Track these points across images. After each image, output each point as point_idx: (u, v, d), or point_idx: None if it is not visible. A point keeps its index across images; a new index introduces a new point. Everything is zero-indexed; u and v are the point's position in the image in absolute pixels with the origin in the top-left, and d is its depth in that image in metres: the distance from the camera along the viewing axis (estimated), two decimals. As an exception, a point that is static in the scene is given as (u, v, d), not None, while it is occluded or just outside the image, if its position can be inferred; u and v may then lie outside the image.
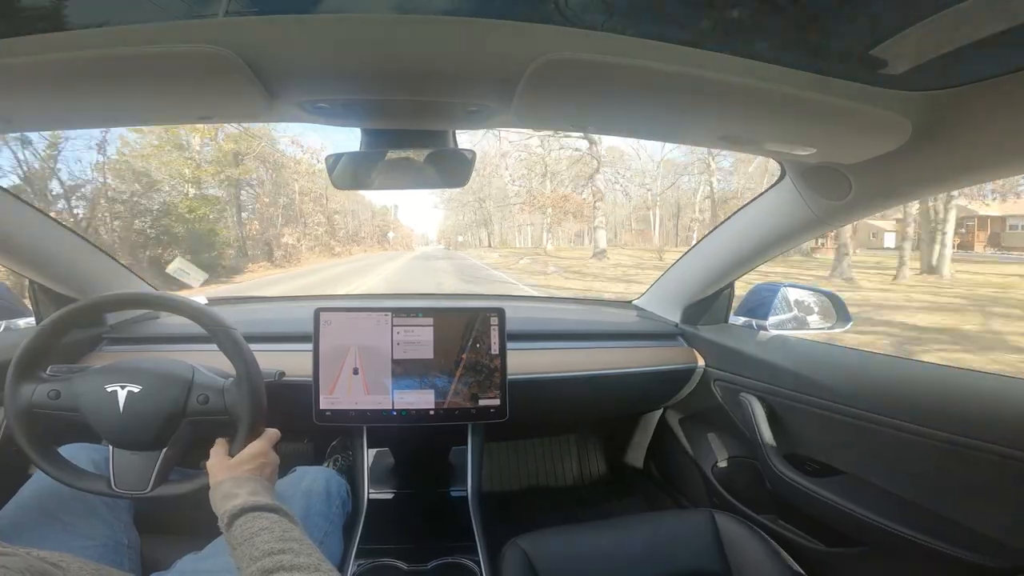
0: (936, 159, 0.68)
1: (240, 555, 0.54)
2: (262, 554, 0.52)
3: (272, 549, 0.53)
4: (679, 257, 1.38)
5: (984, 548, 0.73)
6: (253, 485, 0.67)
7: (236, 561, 0.54)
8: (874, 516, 0.85)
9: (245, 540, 0.55)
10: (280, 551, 0.52)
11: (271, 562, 0.51)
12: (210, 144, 16.57)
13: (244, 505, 0.60)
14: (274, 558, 0.51)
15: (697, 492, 1.37)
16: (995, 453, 0.71)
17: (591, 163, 18.08)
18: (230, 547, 0.57)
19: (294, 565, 0.50)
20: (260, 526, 0.57)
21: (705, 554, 0.89)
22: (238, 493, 0.64)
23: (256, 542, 0.54)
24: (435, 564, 0.90)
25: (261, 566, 0.50)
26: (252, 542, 0.54)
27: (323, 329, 1.02)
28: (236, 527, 0.58)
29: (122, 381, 0.76)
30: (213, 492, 0.67)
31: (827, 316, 1.26)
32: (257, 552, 0.52)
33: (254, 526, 0.57)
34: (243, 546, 0.54)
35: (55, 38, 0.46)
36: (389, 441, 1.19)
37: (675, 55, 0.50)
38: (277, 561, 0.51)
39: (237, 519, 0.59)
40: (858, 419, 0.90)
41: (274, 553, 0.52)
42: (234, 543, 0.56)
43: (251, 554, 0.53)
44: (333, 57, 0.52)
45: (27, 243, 0.96)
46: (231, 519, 0.59)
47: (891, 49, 0.48)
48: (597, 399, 1.34)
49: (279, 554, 0.52)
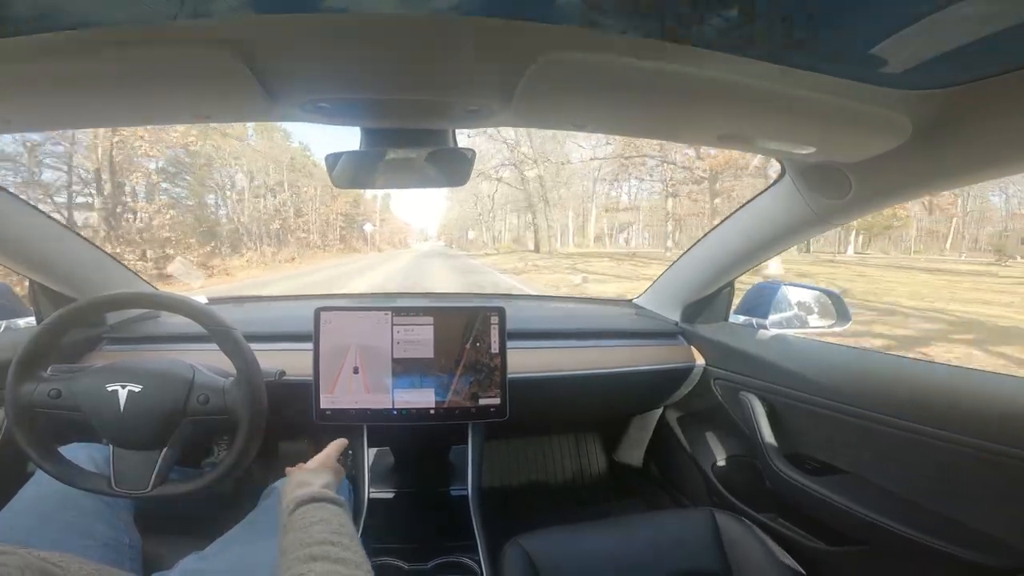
0: (936, 158, 0.67)
1: (292, 540, 0.55)
2: (314, 542, 0.54)
3: (324, 539, 0.54)
4: (679, 256, 1.38)
5: (985, 548, 0.73)
6: (328, 479, 0.70)
7: (284, 544, 0.56)
8: (875, 515, 0.85)
9: (303, 527, 0.57)
10: (331, 542, 0.54)
11: (319, 550, 0.52)
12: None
13: (315, 494, 0.62)
14: (323, 547, 0.53)
15: (697, 491, 1.37)
16: (996, 452, 0.71)
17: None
18: (284, 530, 0.58)
19: (339, 558, 0.52)
20: (320, 516, 0.59)
21: (705, 553, 0.89)
22: (313, 483, 0.67)
23: (312, 531, 0.56)
24: (435, 563, 0.90)
25: (310, 552, 0.52)
26: (308, 530, 0.56)
27: (323, 328, 1.02)
28: (299, 512, 0.59)
29: (123, 381, 0.76)
30: (288, 481, 0.70)
31: (827, 315, 1.26)
32: (309, 539, 0.54)
33: (316, 515, 0.59)
34: (298, 532, 0.56)
35: (54, 38, 0.46)
36: (389, 440, 1.19)
37: (675, 54, 0.50)
38: (325, 551, 0.52)
39: (304, 505, 0.61)
40: (858, 418, 0.90)
41: (324, 543, 0.54)
42: (291, 527, 0.58)
43: (303, 540, 0.54)
44: (333, 56, 0.52)
45: (27, 243, 0.96)
46: (298, 504, 0.61)
47: (891, 48, 0.48)
48: (597, 398, 1.34)
49: (329, 545, 0.54)
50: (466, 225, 42.77)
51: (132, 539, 0.83)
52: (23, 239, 0.95)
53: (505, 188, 26.50)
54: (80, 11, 0.44)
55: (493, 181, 25.03)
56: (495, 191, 27.73)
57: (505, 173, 23.88)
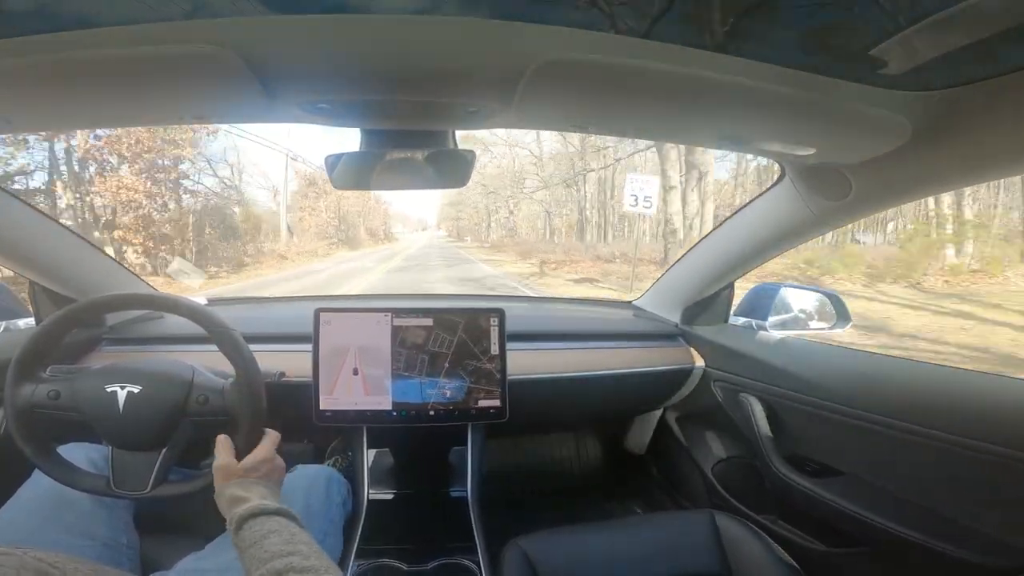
0: (936, 159, 0.68)
1: (249, 558, 0.54)
2: (271, 556, 0.53)
3: (281, 552, 0.53)
4: (679, 257, 1.38)
5: (985, 548, 0.73)
6: (261, 489, 0.68)
7: (245, 564, 0.55)
8: (874, 516, 0.85)
9: (254, 543, 0.55)
10: (289, 553, 0.53)
11: (281, 564, 0.51)
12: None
13: (253, 509, 0.61)
14: (283, 560, 0.52)
15: (697, 492, 1.37)
16: (995, 453, 0.71)
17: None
18: (238, 550, 0.57)
19: (304, 567, 0.51)
20: (269, 529, 0.57)
21: (705, 555, 0.89)
22: (247, 497, 0.64)
23: (265, 544, 0.55)
24: (435, 564, 0.90)
25: (271, 568, 0.51)
26: (261, 544, 0.55)
27: (323, 329, 1.02)
28: (245, 530, 0.58)
29: (122, 381, 0.76)
30: (219, 495, 0.67)
31: (827, 316, 1.26)
32: (266, 555, 0.53)
33: (263, 529, 0.57)
34: (252, 548, 0.55)
35: (54, 38, 0.46)
36: (389, 441, 1.19)
37: (675, 55, 0.50)
38: (287, 563, 0.51)
39: (246, 522, 0.59)
40: (858, 419, 0.90)
41: (283, 555, 0.53)
42: (243, 546, 0.57)
43: (260, 556, 0.53)
44: (333, 57, 0.52)
45: (27, 243, 0.96)
46: (240, 522, 0.59)
47: (891, 49, 0.48)
48: (597, 399, 1.34)
49: (288, 556, 0.52)
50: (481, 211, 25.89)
51: (130, 539, 0.83)
52: (23, 240, 0.95)
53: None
54: (79, 11, 0.44)
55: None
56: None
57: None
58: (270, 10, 0.44)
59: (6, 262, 0.97)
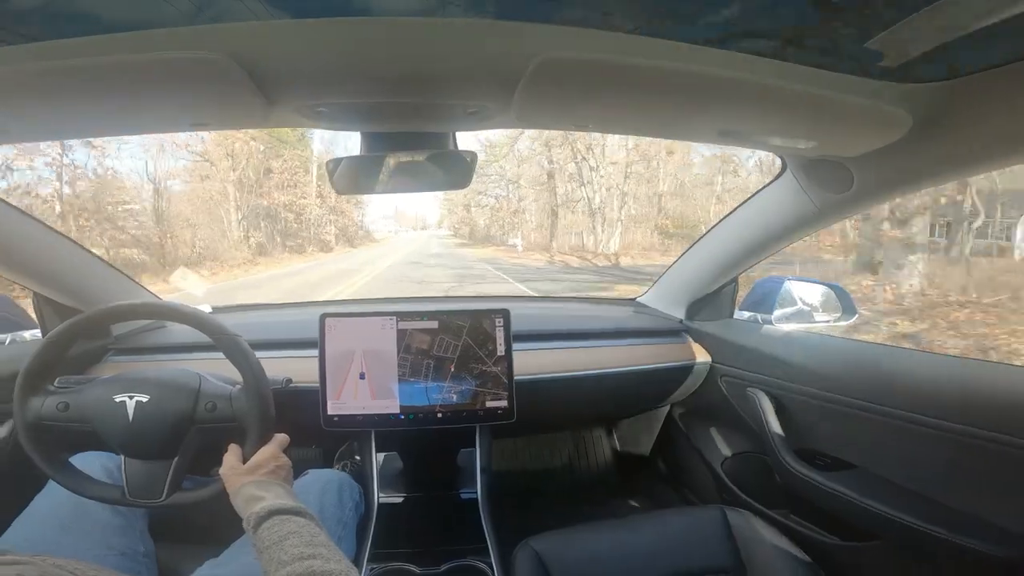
0: (937, 151, 0.67)
1: (268, 559, 0.53)
2: (292, 559, 0.52)
3: (302, 554, 0.52)
4: (682, 253, 1.38)
5: (997, 539, 0.72)
6: (276, 488, 0.67)
7: (263, 565, 0.54)
8: (887, 509, 0.84)
9: (273, 544, 0.55)
10: (310, 556, 0.52)
11: (301, 567, 0.50)
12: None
13: (271, 508, 0.60)
14: (304, 563, 0.51)
15: (706, 488, 1.36)
16: (1008, 444, 0.71)
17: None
18: (256, 550, 0.57)
19: (325, 571, 0.50)
20: (288, 530, 0.56)
21: (718, 551, 0.89)
22: (264, 496, 0.64)
23: (285, 546, 0.54)
24: (447, 567, 0.90)
25: (291, 571, 0.50)
26: (281, 546, 0.54)
27: (328, 334, 1.02)
28: (263, 530, 0.57)
29: (130, 391, 0.76)
30: (235, 496, 0.67)
31: (832, 309, 1.25)
32: (286, 556, 0.52)
33: (282, 530, 0.56)
34: (271, 550, 0.54)
35: (51, 46, 0.46)
36: (397, 445, 1.19)
37: (674, 52, 0.50)
38: (307, 567, 0.50)
39: (265, 522, 0.58)
40: (866, 411, 0.90)
41: (304, 558, 0.52)
42: (261, 546, 0.56)
43: (280, 558, 0.52)
44: (332, 60, 0.52)
45: (31, 255, 0.97)
46: (258, 522, 0.58)
47: (889, 41, 0.48)
48: (603, 398, 1.34)
49: (309, 559, 0.51)
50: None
51: (147, 548, 0.84)
52: (27, 251, 0.96)
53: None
54: (78, 19, 0.44)
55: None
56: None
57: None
58: (269, 16, 0.44)
59: (10, 275, 0.97)
